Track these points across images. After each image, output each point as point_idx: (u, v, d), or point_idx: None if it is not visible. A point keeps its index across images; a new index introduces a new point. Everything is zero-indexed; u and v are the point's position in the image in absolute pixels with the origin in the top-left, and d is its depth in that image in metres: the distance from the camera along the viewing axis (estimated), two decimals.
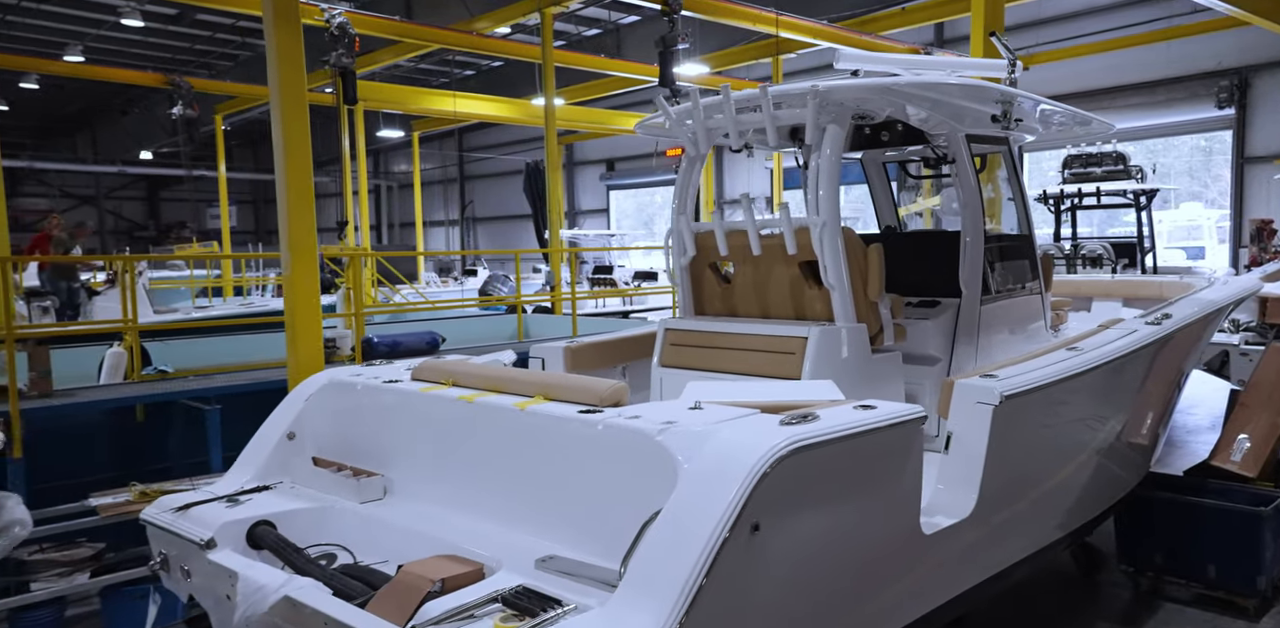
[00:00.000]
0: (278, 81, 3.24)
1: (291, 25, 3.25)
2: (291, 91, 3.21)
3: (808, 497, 2.02)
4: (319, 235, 19.48)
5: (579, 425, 2.28)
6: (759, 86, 3.29)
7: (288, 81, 3.20)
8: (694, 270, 3.79)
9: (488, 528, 2.41)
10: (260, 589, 2.23)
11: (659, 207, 28.67)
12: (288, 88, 3.19)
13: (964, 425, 2.64)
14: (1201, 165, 18.60)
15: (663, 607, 1.74)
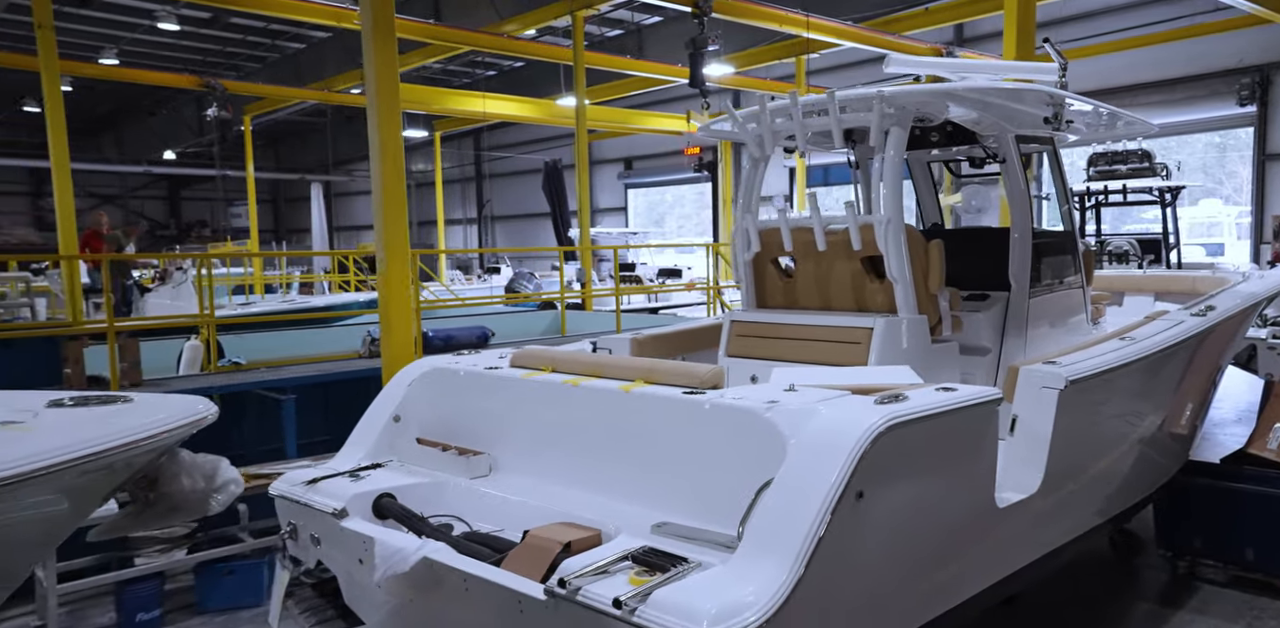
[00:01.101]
0: (375, 90, 3.48)
1: (387, 39, 3.48)
2: (387, 100, 3.44)
3: (902, 469, 2.23)
4: (352, 234, 20.05)
5: (686, 405, 2.50)
6: (826, 92, 3.49)
7: (384, 91, 3.43)
8: (757, 265, 4.00)
9: (596, 500, 2.63)
10: (398, 552, 2.46)
11: (669, 205, 28.85)
12: (384, 97, 3.42)
13: (1029, 409, 2.85)
14: (1216, 162, 18.65)
15: (783, 563, 1.96)
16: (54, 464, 1.38)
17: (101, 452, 1.48)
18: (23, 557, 1.67)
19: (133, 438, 1.56)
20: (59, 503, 1.55)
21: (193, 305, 9.03)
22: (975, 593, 2.66)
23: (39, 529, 1.58)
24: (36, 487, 1.38)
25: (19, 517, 1.46)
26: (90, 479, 1.55)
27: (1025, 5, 6.80)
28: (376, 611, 2.70)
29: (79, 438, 1.48)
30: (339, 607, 2.89)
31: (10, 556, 1.59)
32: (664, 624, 1.86)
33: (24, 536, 1.57)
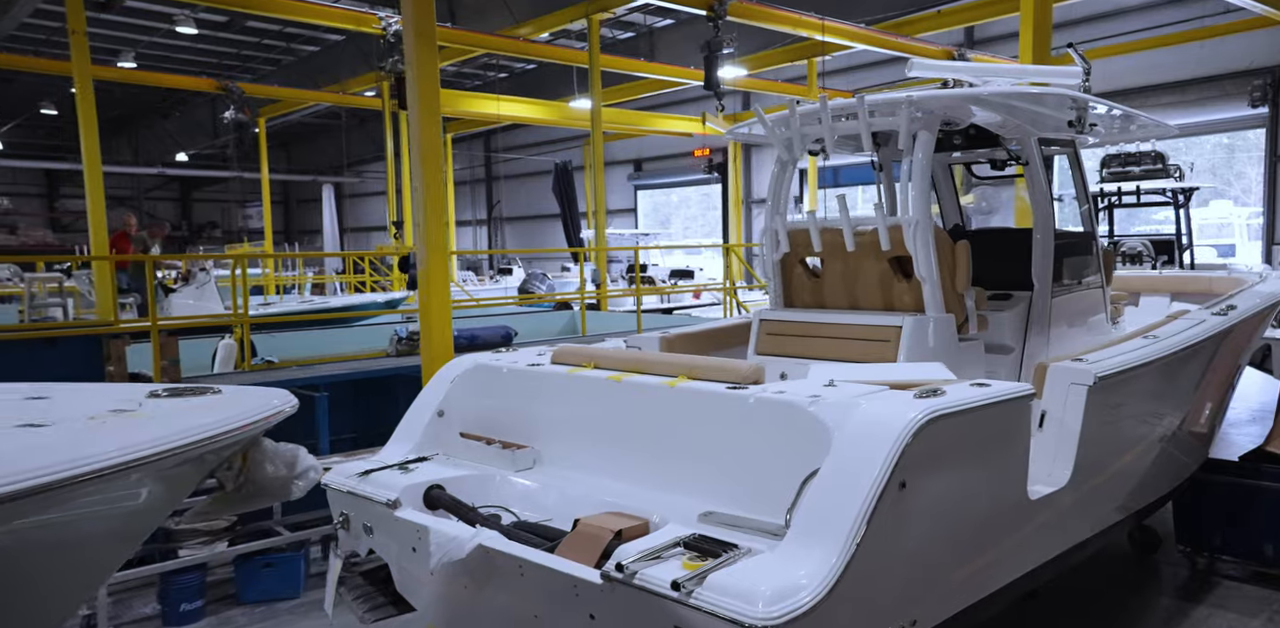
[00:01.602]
0: (416, 96, 3.59)
1: (429, 46, 3.59)
2: (428, 104, 3.55)
3: (943, 460, 2.33)
4: (362, 235, 20.22)
5: (730, 400, 2.60)
6: (855, 97, 3.59)
7: (425, 96, 3.54)
8: (785, 265, 4.10)
9: (640, 491, 2.73)
10: (454, 540, 2.56)
11: (674, 206, 28.98)
12: (425, 101, 3.54)
13: (1058, 404, 2.93)
14: (1224, 163, 18.67)
15: (832, 549, 2.06)
16: (178, 447, 1.48)
17: (213, 436, 1.57)
18: (127, 540, 1.77)
19: (236, 425, 1.66)
20: (162, 487, 1.65)
21: (216, 305, 9.18)
22: (1008, 582, 2.75)
23: (144, 513, 1.68)
24: (154, 469, 1.48)
25: (130, 499, 1.56)
26: (192, 465, 1.65)
27: (1042, 8, 6.88)
28: (428, 597, 2.80)
29: (191, 424, 1.57)
30: (390, 593, 3.00)
31: (118, 538, 1.69)
32: (721, 605, 1.96)
33: (131, 519, 1.67)
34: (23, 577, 1.50)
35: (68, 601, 1.75)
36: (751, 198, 22.79)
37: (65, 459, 1.30)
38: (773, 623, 1.90)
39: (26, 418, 1.54)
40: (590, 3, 10.89)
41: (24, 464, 1.25)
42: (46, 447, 1.38)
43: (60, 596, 1.69)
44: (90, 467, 1.32)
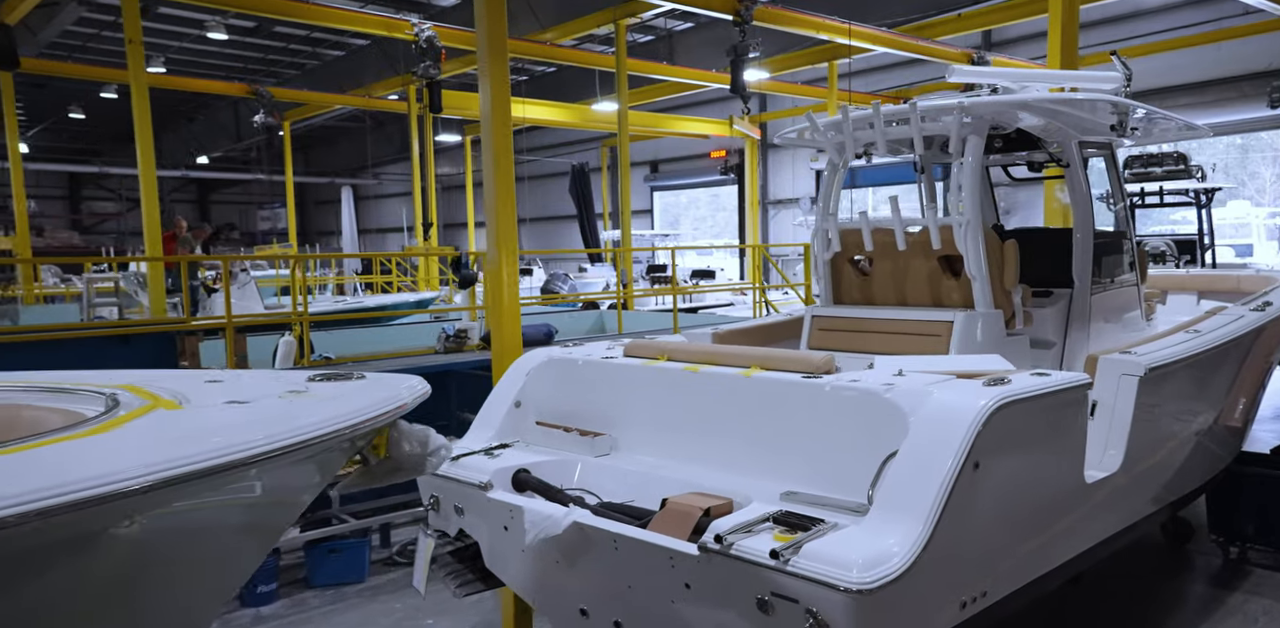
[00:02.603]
0: (489, 102, 3.79)
1: (500, 55, 3.80)
2: (500, 111, 3.76)
3: (1011, 443, 2.50)
4: (378, 237, 20.47)
5: (807, 388, 2.78)
6: (909, 103, 3.77)
7: (498, 103, 3.75)
8: (834, 264, 4.28)
9: (719, 475, 2.92)
10: (548, 518, 2.76)
11: (684, 206, 29.15)
12: (497, 109, 3.74)
13: (1110, 394, 3.11)
14: (1237, 163, 18.73)
15: (916, 523, 2.24)
16: (364, 420, 1.67)
17: (384, 413, 1.76)
18: (288, 517, 1.95)
19: (395, 404, 1.85)
20: (325, 464, 1.84)
21: (256, 305, 9.43)
22: (1066, 560, 2.92)
23: (306, 489, 1.87)
24: (327, 447, 1.67)
25: (301, 476, 1.75)
26: (349, 444, 1.84)
27: (1070, 10, 7.03)
28: (519, 572, 2.99)
29: (363, 403, 1.76)
30: (479, 570, 3.19)
31: (284, 515, 1.87)
32: (818, 572, 2.14)
33: (298, 496, 1.86)
34: (225, 549, 1.68)
35: (238, 577, 1.93)
36: (768, 199, 22.94)
37: (296, 426, 1.48)
38: (867, 587, 2.08)
39: (227, 396, 1.73)
40: (617, 8, 11.10)
41: (270, 430, 1.44)
42: (265, 419, 1.57)
43: (236, 573, 1.87)
44: (320, 431, 1.50)
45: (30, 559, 1.20)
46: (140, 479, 1.18)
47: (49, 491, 1.09)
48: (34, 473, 1.18)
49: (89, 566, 1.34)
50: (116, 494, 1.14)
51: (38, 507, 1.07)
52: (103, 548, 1.28)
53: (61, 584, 1.30)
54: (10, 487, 1.08)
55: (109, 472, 1.16)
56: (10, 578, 1.17)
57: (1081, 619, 4.14)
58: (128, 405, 1.60)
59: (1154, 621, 4.17)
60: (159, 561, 1.45)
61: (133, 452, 1.31)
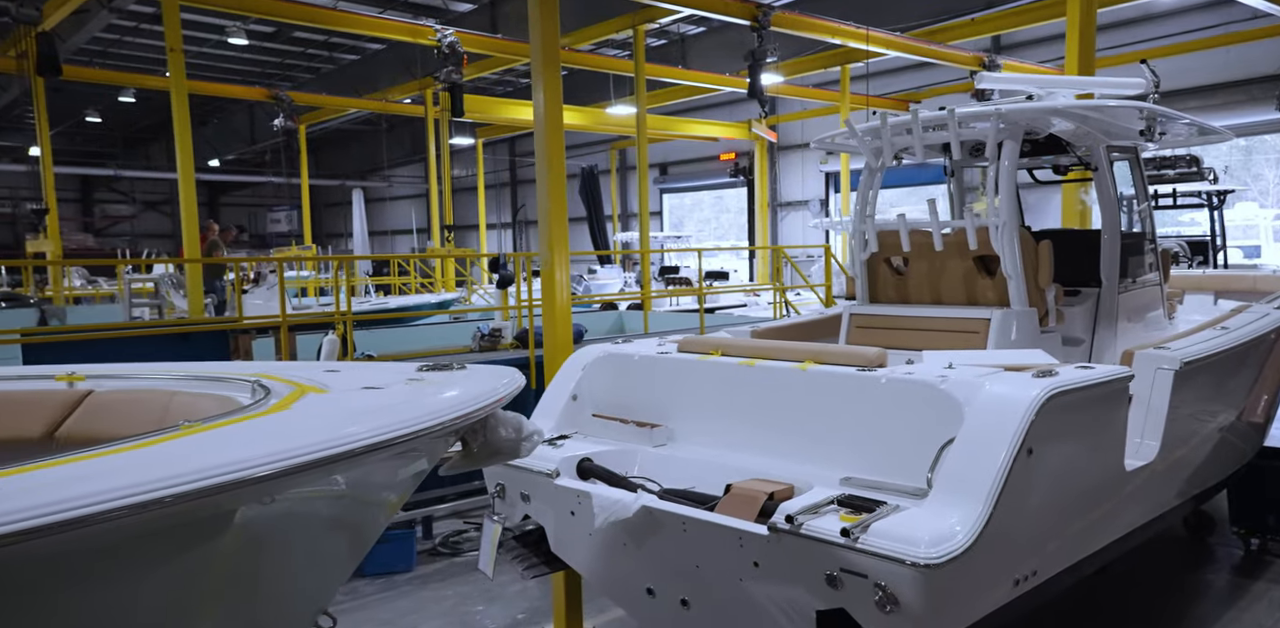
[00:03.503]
0: (543, 110, 3.97)
1: (554, 65, 3.97)
2: (553, 119, 3.93)
3: (1060, 431, 2.66)
4: (386, 239, 20.64)
5: (862, 380, 2.94)
6: (946, 110, 3.93)
7: (551, 110, 3.92)
8: (870, 264, 4.44)
9: (776, 462, 3.07)
10: (618, 502, 2.92)
11: (688, 209, 29.33)
12: (551, 116, 3.92)
13: (1146, 387, 3.26)
14: (1241, 165, 18.89)
15: (975, 505, 2.40)
16: (483, 406, 1.83)
17: (495, 401, 1.92)
18: (407, 494, 2.11)
19: (503, 392, 2.01)
20: (440, 446, 2.00)
21: (288, 305, 9.60)
22: (1107, 543, 3.07)
23: (426, 468, 2.03)
24: (455, 428, 1.83)
25: (430, 454, 1.91)
26: (458, 429, 1.99)
27: (1087, 13, 7.20)
28: (585, 555, 3.15)
29: (477, 391, 1.92)
30: (544, 554, 3.35)
31: (407, 490, 2.03)
32: (887, 549, 2.30)
33: (420, 473, 2.02)
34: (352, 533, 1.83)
35: (363, 551, 2.08)
36: (778, 201, 23.11)
37: (436, 409, 1.64)
38: (935, 562, 2.24)
39: (360, 383, 1.90)
40: (636, 14, 11.29)
41: (418, 410, 1.60)
42: (408, 402, 1.72)
43: (364, 546, 2.03)
44: (456, 414, 1.66)
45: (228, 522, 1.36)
46: (360, 442, 1.33)
47: (283, 453, 1.25)
48: (251, 443, 1.34)
49: (269, 532, 1.50)
50: (342, 455, 1.30)
51: (284, 466, 1.22)
52: (290, 515, 1.44)
53: (239, 549, 1.46)
54: (243, 452, 1.24)
55: (329, 438, 1.32)
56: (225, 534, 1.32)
57: (1109, 608, 4.29)
58: (278, 392, 1.76)
59: (1180, 609, 4.32)
60: (323, 528, 1.62)
61: (321, 425, 1.47)
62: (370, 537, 2.01)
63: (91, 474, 1.16)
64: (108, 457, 1.25)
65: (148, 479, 1.11)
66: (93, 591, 1.19)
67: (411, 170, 34.69)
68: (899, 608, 2.29)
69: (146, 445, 1.28)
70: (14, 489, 1.06)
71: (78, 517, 1.02)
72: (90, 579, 1.15)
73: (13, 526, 0.97)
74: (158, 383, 2.08)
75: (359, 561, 2.08)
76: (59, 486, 1.12)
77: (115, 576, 1.20)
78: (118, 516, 1.06)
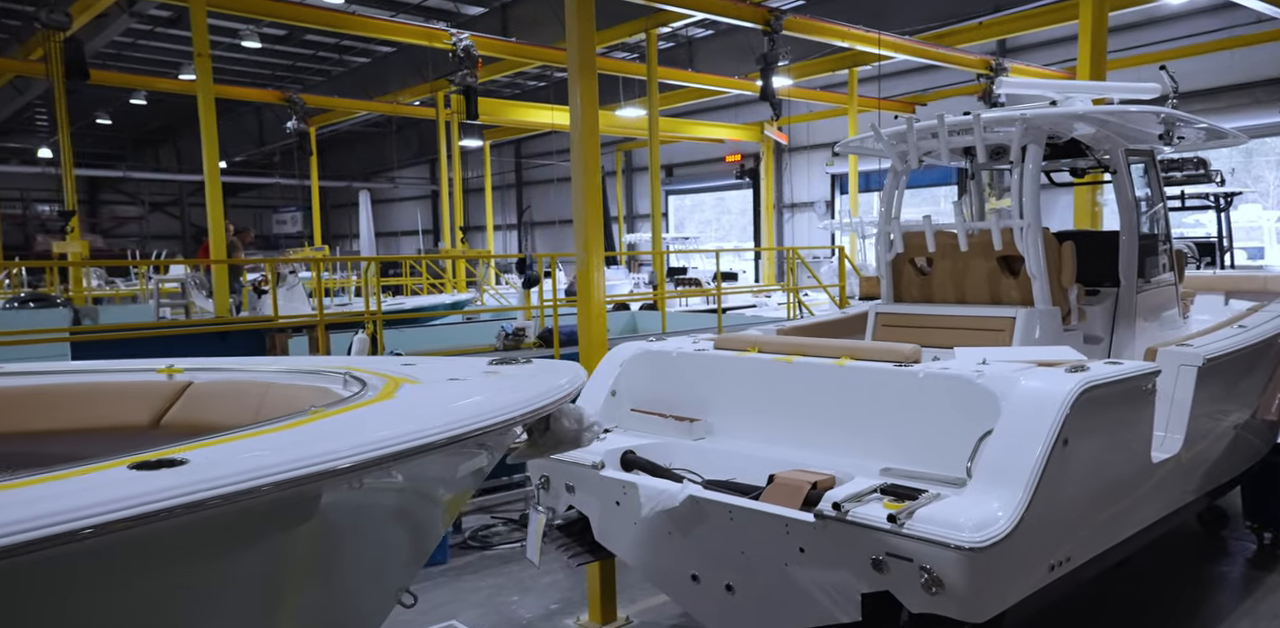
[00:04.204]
0: (580, 116, 4.09)
1: (590, 73, 4.11)
2: (589, 124, 4.06)
3: (1093, 423, 2.78)
4: (391, 240, 20.86)
5: (900, 376, 3.06)
6: (972, 115, 4.06)
7: (588, 116, 4.05)
8: (895, 264, 4.56)
9: (815, 454, 3.19)
10: (664, 492, 3.04)
11: (689, 210, 29.49)
12: (587, 122, 4.04)
13: (1170, 383, 3.38)
14: (1242, 166, 19.04)
15: (1015, 492, 2.52)
16: (559, 397, 1.94)
17: (567, 394, 2.04)
18: (481, 480, 2.22)
19: (572, 386, 2.13)
20: (506, 438, 2.11)
21: (303, 305, 9.74)
22: (1130, 535, 3.19)
23: (492, 460, 2.14)
24: (537, 416, 1.95)
25: (506, 442, 2.02)
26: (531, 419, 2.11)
27: (1099, 17, 7.34)
28: (630, 543, 3.27)
29: (549, 384, 2.03)
30: (587, 542, 3.47)
31: (482, 477, 2.15)
32: (933, 533, 2.42)
33: (495, 461, 2.13)
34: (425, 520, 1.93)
35: (429, 547, 2.20)
36: (783, 202, 23.25)
37: (523, 398, 1.76)
38: (979, 546, 2.36)
39: (444, 375, 2.01)
40: (649, 18, 11.41)
41: (509, 398, 1.72)
42: (497, 391, 1.83)
43: (439, 531, 2.14)
44: (538, 404, 1.78)
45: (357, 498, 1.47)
46: (480, 423, 1.45)
47: (424, 431, 1.37)
48: (386, 423, 1.46)
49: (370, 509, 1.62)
50: (470, 434, 1.42)
51: (430, 440, 1.34)
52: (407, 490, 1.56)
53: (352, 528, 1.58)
54: (386, 431, 1.36)
55: (454, 419, 1.44)
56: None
57: (1128, 600, 4.41)
58: (374, 383, 1.88)
59: (1196, 601, 4.43)
60: (418, 507, 1.74)
61: (436, 409, 1.59)
62: (450, 518, 2.12)
63: (285, 444, 1.29)
64: (274, 433, 1.37)
65: (335, 448, 1.24)
66: (242, 556, 1.30)
67: (416, 172, 34.86)
68: (944, 590, 2.41)
69: (292, 427, 1.40)
70: (224, 456, 1.20)
71: (295, 477, 1.15)
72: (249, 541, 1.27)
73: (272, 477, 1.12)
74: (253, 375, 2.21)
75: (438, 540, 2.19)
76: (278, 450, 1.27)
77: (270, 536, 1.32)
78: (317, 479, 1.20)
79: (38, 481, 1.06)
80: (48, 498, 1.01)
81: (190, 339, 5.35)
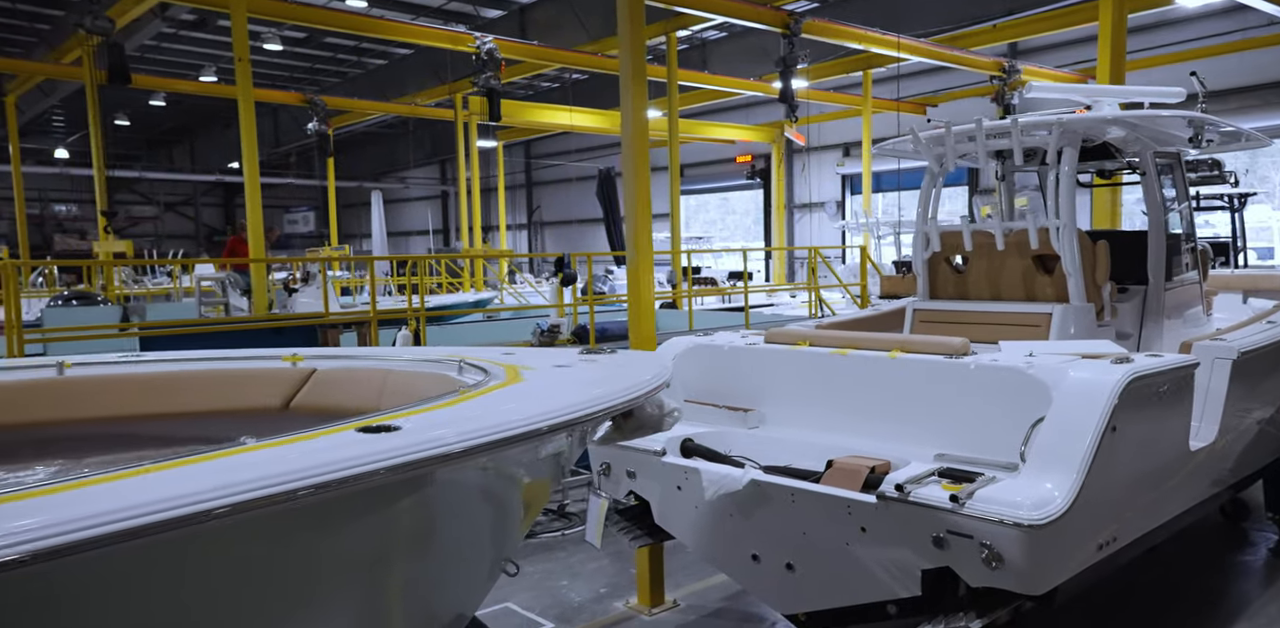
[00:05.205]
0: (630, 122, 4.27)
1: (641, 80, 4.28)
2: (639, 129, 4.24)
3: (1138, 411, 2.95)
4: (402, 239, 21.08)
5: (952, 367, 3.24)
6: (1010, 119, 4.23)
7: (637, 122, 4.23)
8: (931, 263, 4.74)
9: (868, 442, 3.37)
10: (726, 477, 3.21)
11: (693, 210, 29.66)
12: (637, 127, 4.23)
13: (1205, 375, 3.54)
14: (1246, 167, 19.15)
15: (1068, 475, 2.69)
16: (658, 384, 2.11)
17: (663, 381, 2.21)
18: (571, 462, 2.39)
19: (667, 375, 2.30)
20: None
21: (333, 303, 9.93)
22: (1167, 519, 3.36)
23: (576, 452, 2.31)
24: (643, 401, 2.12)
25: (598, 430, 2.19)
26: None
27: (1119, 20, 7.51)
28: (691, 526, 3.45)
29: (646, 371, 2.20)
30: (647, 526, 3.65)
31: (573, 458, 2.31)
32: (993, 512, 2.59)
33: (571, 457, 2.30)
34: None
35: (530, 521, 2.36)
36: (794, 203, 23.41)
37: (630, 384, 1.93)
38: (1038, 523, 2.53)
39: (549, 363, 2.18)
40: (669, 21, 11.60)
41: (616, 385, 1.88)
42: (602, 378, 2.00)
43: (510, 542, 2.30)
44: (642, 389, 1.95)
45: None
46: (619, 400, 1.62)
47: (582, 403, 1.54)
48: (541, 400, 1.63)
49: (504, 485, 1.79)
50: (615, 408, 1.59)
51: (593, 410, 1.51)
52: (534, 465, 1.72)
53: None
54: (548, 404, 1.53)
55: (609, 392, 1.61)
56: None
57: (1157, 585, 4.57)
58: (494, 371, 2.05)
59: (1222, 587, 4.60)
60: (531, 480, 1.90)
61: (571, 390, 1.76)
62: (549, 493, 2.29)
63: (470, 416, 1.46)
64: (450, 407, 1.54)
65: (526, 414, 1.41)
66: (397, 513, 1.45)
67: (426, 172, 35.08)
68: (1004, 565, 2.58)
69: (458, 402, 1.57)
70: (430, 423, 1.37)
71: (499, 439, 1.33)
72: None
73: (483, 438, 1.28)
74: (371, 362, 2.38)
75: (536, 515, 2.36)
76: (473, 419, 1.43)
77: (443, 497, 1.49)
78: (517, 440, 1.36)
79: (284, 442, 1.23)
80: (301, 455, 1.18)
81: (245, 334, 5.55)
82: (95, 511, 0.94)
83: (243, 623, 1.26)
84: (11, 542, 0.89)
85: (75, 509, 0.94)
